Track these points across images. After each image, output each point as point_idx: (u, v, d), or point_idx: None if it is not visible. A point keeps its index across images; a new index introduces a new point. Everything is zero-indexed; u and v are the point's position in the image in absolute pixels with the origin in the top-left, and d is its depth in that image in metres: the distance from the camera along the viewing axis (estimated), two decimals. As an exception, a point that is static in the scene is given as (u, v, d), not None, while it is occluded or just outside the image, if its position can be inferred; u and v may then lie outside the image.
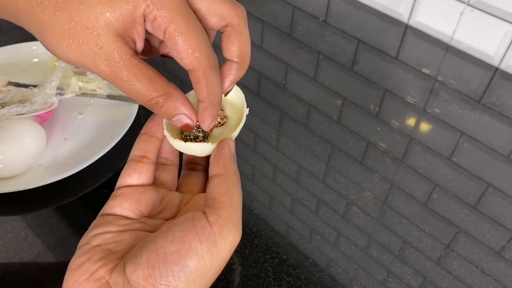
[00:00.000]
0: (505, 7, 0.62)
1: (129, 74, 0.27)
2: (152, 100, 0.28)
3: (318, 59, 0.68)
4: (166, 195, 0.32)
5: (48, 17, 0.26)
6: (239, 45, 0.30)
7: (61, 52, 0.27)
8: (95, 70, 0.27)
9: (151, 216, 0.30)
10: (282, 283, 0.41)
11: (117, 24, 0.26)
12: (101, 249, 0.27)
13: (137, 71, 0.27)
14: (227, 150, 0.30)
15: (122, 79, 0.27)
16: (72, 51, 0.26)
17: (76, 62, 0.27)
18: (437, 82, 0.64)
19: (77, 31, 0.26)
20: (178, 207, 0.31)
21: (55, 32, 0.26)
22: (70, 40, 0.26)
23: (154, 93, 0.27)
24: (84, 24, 0.26)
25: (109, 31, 0.26)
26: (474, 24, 0.66)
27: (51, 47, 0.27)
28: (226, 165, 0.30)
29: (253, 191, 0.50)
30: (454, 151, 0.55)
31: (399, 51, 0.70)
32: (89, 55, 0.26)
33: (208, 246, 0.26)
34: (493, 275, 0.43)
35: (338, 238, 0.46)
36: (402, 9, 0.74)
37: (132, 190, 0.30)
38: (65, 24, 0.26)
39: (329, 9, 0.77)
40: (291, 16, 0.76)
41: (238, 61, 0.31)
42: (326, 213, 0.48)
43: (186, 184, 0.34)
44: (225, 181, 0.29)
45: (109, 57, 0.27)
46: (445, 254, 0.45)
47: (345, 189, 0.50)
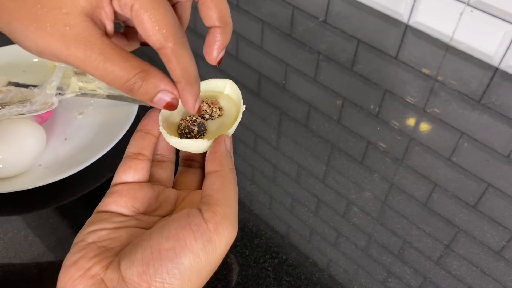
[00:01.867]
0: (505, 7, 0.62)
1: (101, 53, 0.26)
2: (129, 81, 0.26)
3: (318, 59, 0.68)
4: (162, 192, 0.32)
5: (14, 3, 0.26)
6: (216, 8, 0.30)
7: (30, 42, 0.26)
8: (65, 55, 0.26)
9: (146, 213, 0.30)
10: (282, 283, 0.41)
11: (84, 3, 0.26)
12: (96, 246, 0.27)
13: (110, 50, 0.26)
14: (223, 146, 0.30)
15: (95, 60, 0.26)
16: (41, 37, 0.26)
17: (46, 49, 0.26)
18: (437, 82, 0.64)
19: (44, 13, 0.25)
20: (174, 204, 0.31)
21: (22, 18, 0.25)
22: (37, 24, 0.25)
23: (131, 72, 0.26)
24: (51, 5, 0.25)
25: (77, 10, 0.26)
26: (474, 24, 0.66)
27: (19, 37, 0.26)
28: (222, 161, 0.29)
29: (253, 191, 0.50)
30: (454, 151, 0.55)
31: (399, 51, 0.70)
32: (58, 38, 0.25)
33: (203, 243, 0.26)
34: (493, 275, 0.43)
35: (338, 238, 0.46)
36: (402, 9, 0.74)
37: (127, 187, 0.30)
38: (32, 7, 0.25)
39: (329, 9, 0.77)
40: (291, 16, 0.76)
41: (220, 25, 0.30)
42: (326, 213, 0.48)
43: (182, 181, 0.34)
44: (220, 177, 0.29)
45: (80, 37, 0.25)
46: (445, 254, 0.45)
47: (345, 189, 0.50)
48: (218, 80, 0.35)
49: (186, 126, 0.32)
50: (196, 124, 0.32)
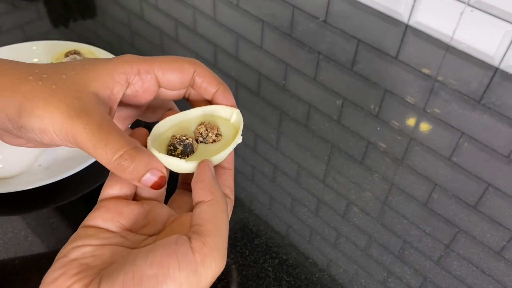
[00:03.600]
0: (505, 7, 0.62)
1: (100, 125, 0.27)
2: (123, 155, 0.27)
3: (318, 59, 0.68)
4: (153, 209, 0.31)
5: (29, 87, 0.28)
6: (208, 81, 0.33)
7: (35, 119, 0.27)
8: (67, 126, 0.27)
9: (133, 230, 0.30)
10: (282, 283, 0.41)
11: (96, 84, 0.29)
12: (78, 263, 0.26)
13: (108, 124, 0.27)
14: (208, 173, 0.29)
15: (92, 131, 0.27)
16: (48, 112, 0.27)
17: (49, 125, 0.27)
18: (437, 82, 0.64)
19: (57, 91, 0.28)
20: (164, 223, 0.30)
21: (34, 97, 0.27)
22: (47, 101, 0.27)
23: (125, 146, 0.27)
24: (66, 85, 0.28)
25: (88, 89, 0.29)
26: (474, 24, 0.66)
27: (24, 117, 0.27)
28: (213, 190, 0.28)
29: (253, 191, 0.50)
30: (454, 151, 0.55)
31: (399, 51, 0.70)
32: (64, 109, 0.27)
33: (187, 274, 0.25)
34: (493, 275, 0.43)
35: (338, 238, 0.46)
36: (402, 9, 0.74)
37: (114, 203, 0.30)
38: (46, 88, 0.28)
39: (329, 9, 0.77)
40: (291, 16, 0.76)
41: (217, 87, 0.33)
42: (326, 213, 0.48)
43: (177, 201, 0.33)
44: (212, 207, 0.28)
45: (85, 108, 0.27)
46: (445, 254, 0.45)
47: (345, 189, 0.50)
48: (226, 107, 0.34)
49: (173, 143, 0.31)
50: (183, 144, 0.31)
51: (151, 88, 0.32)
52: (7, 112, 0.28)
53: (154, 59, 0.32)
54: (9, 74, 0.28)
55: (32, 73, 0.28)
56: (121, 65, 0.30)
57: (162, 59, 0.32)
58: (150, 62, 0.31)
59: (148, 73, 0.31)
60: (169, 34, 0.72)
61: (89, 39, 0.69)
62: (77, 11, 0.77)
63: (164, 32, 0.72)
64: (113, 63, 0.30)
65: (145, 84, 0.31)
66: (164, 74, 0.32)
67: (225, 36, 0.71)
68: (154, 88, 0.32)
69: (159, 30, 0.72)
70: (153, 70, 0.31)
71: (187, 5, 0.77)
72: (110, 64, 0.30)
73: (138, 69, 0.31)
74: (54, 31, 0.72)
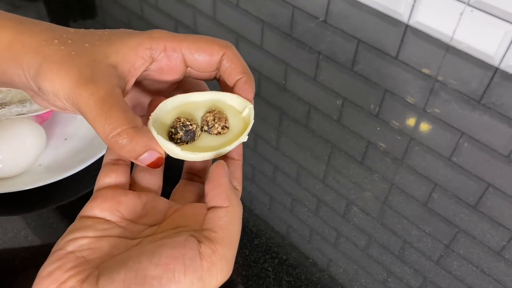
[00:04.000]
0: (505, 7, 0.62)
1: (104, 97, 0.26)
2: (121, 134, 0.26)
3: (318, 59, 0.68)
4: (151, 200, 0.30)
5: (51, 50, 0.28)
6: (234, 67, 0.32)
7: (48, 83, 0.27)
8: (73, 94, 0.27)
9: (132, 220, 0.29)
10: (282, 283, 0.41)
11: (116, 57, 0.28)
12: (75, 256, 0.26)
13: (115, 98, 0.27)
14: (226, 179, 0.28)
15: (96, 102, 0.26)
16: (59, 77, 0.27)
17: (59, 91, 0.27)
18: (437, 82, 0.64)
19: (73, 58, 0.27)
20: (164, 214, 0.30)
21: (52, 61, 0.27)
22: (62, 65, 0.27)
23: (124, 124, 0.26)
24: (84, 53, 0.28)
25: (106, 60, 0.28)
26: (474, 24, 0.66)
27: (40, 79, 0.27)
28: (230, 196, 0.27)
29: (253, 191, 0.50)
30: (454, 151, 0.55)
31: (399, 51, 0.70)
32: (74, 76, 0.27)
33: (191, 281, 0.24)
34: (493, 275, 0.43)
35: (338, 238, 0.46)
36: (402, 9, 0.74)
37: (112, 192, 0.29)
38: (65, 53, 0.27)
39: (329, 9, 0.77)
40: (291, 16, 0.76)
41: (241, 76, 0.32)
42: (326, 213, 0.48)
43: (180, 193, 0.32)
44: (228, 214, 0.27)
45: (94, 78, 0.27)
46: (445, 254, 0.45)
47: (345, 189, 0.50)
48: (241, 99, 0.33)
49: (175, 126, 0.30)
50: (185, 129, 0.30)
51: (178, 67, 0.31)
52: (30, 72, 0.28)
53: (184, 38, 0.31)
54: (39, 35, 0.28)
55: (59, 37, 0.28)
56: (147, 40, 0.29)
57: (193, 38, 0.31)
58: (178, 40, 0.30)
59: (175, 51, 0.30)
60: (169, 34, 0.71)
61: (89, 39, 0.69)
62: (77, 11, 0.77)
63: (164, 32, 0.72)
64: (140, 38, 0.29)
65: (171, 62, 0.30)
66: (192, 54, 0.30)
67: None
68: (181, 67, 0.31)
69: (159, 30, 0.72)
70: (181, 49, 0.30)
71: (187, 5, 0.77)
72: (136, 38, 0.29)
73: (164, 46, 0.30)
74: (54, 31, 0.72)
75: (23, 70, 0.28)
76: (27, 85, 0.29)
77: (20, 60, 0.28)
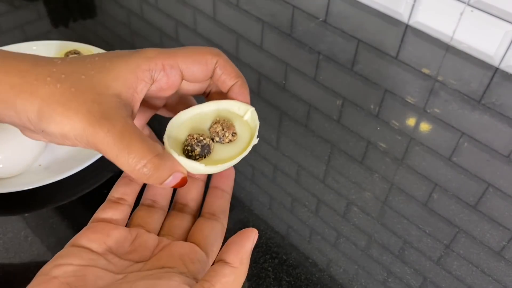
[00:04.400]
0: (505, 7, 0.62)
1: (121, 132, 0.26)
2: (146, 165, 0.27)
3: (318, 59, 0.68)
4: (140, 235, 0.30)
5: (48, 90, 0.27)
6: (228, 73, 0.32)
7: (55, 125, 0.26)
8: (88, 134, 0.26)
9: (118, 255, 0.29)
10: (282, 283, 0.41)
11: (118, 85, 0.28)
12: (59, 282, 0.25)
13: (131, 130, 0.27)
14: (250, 244, 0.27)
15: (114, 139, 0.26)
16: (67, 117, 0.26)
17: (70, 131, 0.26)
18: (437, 82, 0.64)
19: (76, 95, 0.26)
20: (151, 251, 0.29)
21: (53, 102, 0.26)
22: (67, 105, 0.26)
23: (147, 155, 0.27)
24: (85, 87, 0.27)
25: (109, 91, 0.27)
26: (474, 24, 0.66)
27: (45, 122, 0.27)
28: (244, 260, 0.27)
29: (253, 191, 0.50)
30: (454, 151, 0.55)
31: (399, 51, 0.70)
32: (84, 115, 0.26)
33: None
34: (493, 275, 0.43)
35: (338, 238, 0.46)
36: (402, 9, 0.74)
37: (103, 225, 0.29)
38: (65, 91, 0.27)
39: (329, 9, 0.77)
40: (291, 16, 0.76)
41: (235, 80, 0.33)
42: (326, 213, 0.48)
43: (169, 225, 0.32)
44: (233, 275, 0.26)
45: (105, 114, 0.26)
46: (445, 254, 0.45)
47: (345, 189, 0.50)
48: (241, 103, 0.33)
49: (190, 144, 0.31)
50: (200, 145, 0.31)
51: (176, 82, 0.31)
52: (27, 115, 0.27)
53: (177, 52, 0.31)
54: (27, 74, 0.27)
55: (50, 73, 0.27)
56: (144, 61, 0.29)
57: (185, 52, 0.31)
58: (174, 56, 0.30)
59: (173, 68, 0.30)
60: (169, 34, 0.72)
61: (89, 39, 0.69)
62: (77, 11, 0.77)
63: (164, 32, 0.72)
64: (136, 60, 0.29)
65: (170, 79, 0.31)
66: (188, 67, 0.31)
67: (225, 36, 0.71)
68: (178, 81, 0.31)
69: (159, 30, 0.72)
70: (178, 65, 0.30)
71: (187, 5, 0.77)
72: (133, 62, 0.29)
73: (162, 65, 0.30)
74: (54, 31, 0.72)
75: (17, 113, 0.27)
76: (20, 123, 0.28)
77: (12, 102, 0.27)
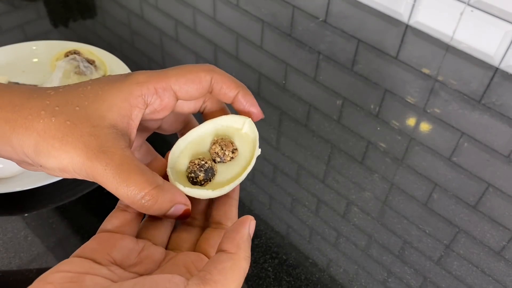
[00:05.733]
0: (505, 7, 0.62)
1: (119, 164, 0.26)
2: (145, 197, 0.27)
3: (318, 59, 0.68)
4: (147, 248, 0.29)
5: (43, 124, 0.27)
6: (227, 86, 0.32)
7: (53, 160, 0.26)
8: (87, 167, 0.26)
9: (122, 266, 0.28)
10: (282, 283, 0.41)
11: (113, 115, 0.28)
12: (53, 287, 0.25)
13: (129, 162, 0.27)
14: (246, 229, 0.27)
15: (112, 172, 0.26)
16: (65, 152, 0.26)
17: (68, 165, 0.26)
18: (437, 82, 0.64)
19: (72, 129, 0.27)
20: (158, 264, 0.29)
21: (49, 136, 0.26)
22: (63, 140, 0.26)
23: (146, 187, 0.27)
24: (80, 120, 0.27)
25: (104, 123, 0.27)
26: (474, 24, 0.66)
27: (43, 157, 0.27)
28: (241, 245, 0.26)
29: (253, 191, 0.50)
30: (454, 151, 0.55)
31: (399, 51, 0.70)
32: (82, 149, 0.26)
33: None
34: (493, 275, 0.43)
35: (338, 238, 0.46)
36: (402, 9, 0.74)
37: (108, 235, 0.29)
38: (60, 125, 0.27)
39: (329, 9, 0.77)
40: (291, 16, 0.76)
41: (236, 91, 0.32)
42: (326, 213, 0.48)
43: (176, 239, 0.32)
44: (231, 260, 0.25)
45: (103, 147, 0.26)
46: (445, 254, 0.45)
47: (345, 189, 0.50)
48: (236, 116, 0.33)
49: (193, 171, 0.31)
50: (203, 170, 0.31)
51: (170, 104, 0.31)
52: (24, 150, 0.27)
53: (169, 74, 0.30)
54: (21, 108, 0.27)
55: (44, 106, 0.27)
56: (136, 87, 0.29)
57: (178, 72, 0.31)
58: (166, 78, 0.30)
59: (166, 90, 0.30)
60: (169, 34, 0.72)
61: (89, 39, 0.69)
62: (77, 11, 0.77)
63: (164, 32, 0.72)
64: (128, 87, 0.29)
65: (164, 101, 0.30)
66: (182, 87, 0.30)
67: (225, 36, 0.71)
68: (173, 102, 0.31)
69: (159, 30, 0.72)
70: (170, 86, 0.30)
71: (187, 5, 0.77)
72: (125, 89, 0.29)
73: (155, 89, 0.30)
74: (54, 31, 0.72)
75: (13, 148, 0.27)
76: (17, 158, 0.28)
77: (7, 138, 0.27)
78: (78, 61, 0.55)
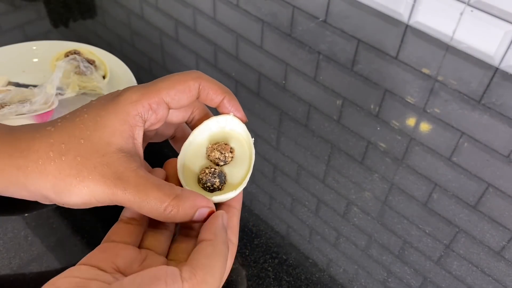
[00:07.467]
0: (505, 7, 0.62)
1: (136, 185, 0.28)
2: (166, 210, 0.28)
3: (318, 59, 0.68)
4: (149, 257, 0.31)
5: (55, 166, 0.28)
6: (214, 91, 0.34)
7: (75, 196, 0.28)
8: (109, 194, 0.28)
9: (126, 274, 0.29)
10: (282, 283, 0.41)
11: (117, 139, 0.29)
12: None
13: (144, 182, 0.28)
14: (220, 220, 0.30)
15: (131, 194, 0.28)
16: (85, 187, 0.28)
17: (92, 198, 0.28)
18: (437, 82, 0.64)
19: (84, 163, 0.28)
20: None
21: (65, 176, 0.28)
22: (80, 177, 0.28)
23: (165, 200, 0.28)
24: (89, 153, 0.28)
25: (112, 149, 0.29)
26: (474, 24, 0.66)
27: (64, 197, 0.28)
28: (216, 232, 0.29)
29: (253, 191, 0.50)
30: (454, 151, 0.55)
31: (399, 51, 0.70)
32: (99, 180, 0.28)
33: None
34: (493, 275, 0.43)
35: (338, 238, 0.46)
36: (402, 9, 0.74)
37: (113, 245, 0.30)
38: (72, 163, 0.28)
39: (329, 9, 0.77)
40: (291, 16, 0.76)
41: (223, 96, 0.34)
42: (326, 213, 0.48)
43: (175, 250, 0.33)
44: (211, 246, 0.28)
45: (117, 173, 0.28)
46: (445, 254, 0.45)
47: (345, 189, 0.50)
48: (219, 117, 0.35)
49: (208, 180, 0.32)
50: (216, 175, 0.33)
51: (164, 115, 0.33)
52: (43, 193, 0.28)
53: (159, 86, 0.32)
54: (29, 153, 0.28)
55: (50, 146, 0.28)
56: (132, 107, 0.30)
57: (167, 83, 0.32)
58: (157, 92, 0.31)
59: (159, 104, 0.32)
60: (169, 34, 0.72)
61: (89, 39, 0.69)
62: (77, 11, 0.77)
63: (164, 32, 0.72)
64: (123, 108, 0.30)
65: (159, 114, 0.32)
66: (173, 98, 0.32)
67: (225, 36, 0.71)
68: (166, 113, 0.33)
69: (159, 30, 0.72)
70: (162, 99, 0.32)
71: (187, 5, 0.77)
72: (121, 110, 0.30)
73: (149, 105, 0.31)
74: (54, 31, 0.72)
75: (30, 192, 0.29)
76: (35, 199, 0.30)
77: (22, 184, 0.28)
78: (78, 61, 0.55)
